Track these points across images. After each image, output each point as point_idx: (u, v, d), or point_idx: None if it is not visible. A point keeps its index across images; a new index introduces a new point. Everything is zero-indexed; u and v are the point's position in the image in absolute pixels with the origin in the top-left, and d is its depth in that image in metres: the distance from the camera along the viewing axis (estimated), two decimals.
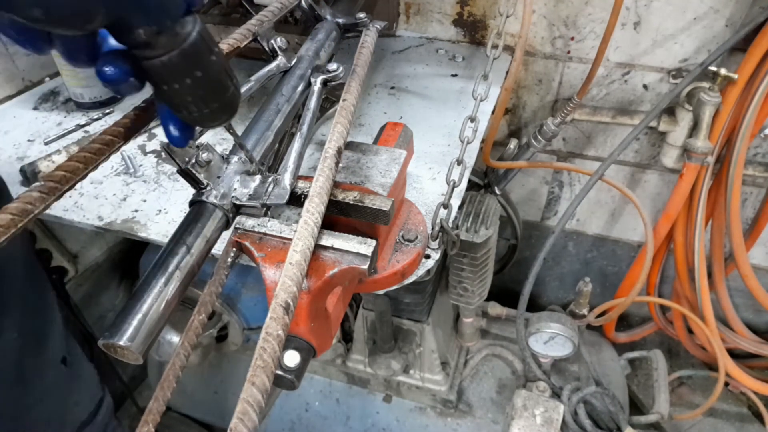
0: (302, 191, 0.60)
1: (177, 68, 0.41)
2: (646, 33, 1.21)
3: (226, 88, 0.46)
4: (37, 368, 0.98)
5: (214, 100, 0.45)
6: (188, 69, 0.42)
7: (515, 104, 1.43)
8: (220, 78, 0.45)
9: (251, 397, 0.35)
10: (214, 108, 0.46)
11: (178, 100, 0.44)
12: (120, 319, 0.42)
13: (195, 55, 0.42)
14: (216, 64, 0.44)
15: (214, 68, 0.44)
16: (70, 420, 1.08)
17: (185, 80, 0.42)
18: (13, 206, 0.38)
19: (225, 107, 0.47)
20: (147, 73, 0.42)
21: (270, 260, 0.55)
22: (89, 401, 1.12)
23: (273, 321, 0.41)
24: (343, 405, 1.50)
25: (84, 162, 0.43)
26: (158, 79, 0.42)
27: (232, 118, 0.49)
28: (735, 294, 1.50)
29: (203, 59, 0.43)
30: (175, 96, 0.43)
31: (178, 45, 0.40)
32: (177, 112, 0.46)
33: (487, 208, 1.08)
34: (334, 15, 0.90)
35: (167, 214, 0.87)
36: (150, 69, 0.41)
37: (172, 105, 0.45)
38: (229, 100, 0.47)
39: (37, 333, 0.97)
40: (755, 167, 1.33)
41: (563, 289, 1.87)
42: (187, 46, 0.41)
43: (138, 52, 0.40)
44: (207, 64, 0.43)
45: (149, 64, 0.40)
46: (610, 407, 1.31)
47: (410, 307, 1.27)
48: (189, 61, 0.41)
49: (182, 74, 0.42)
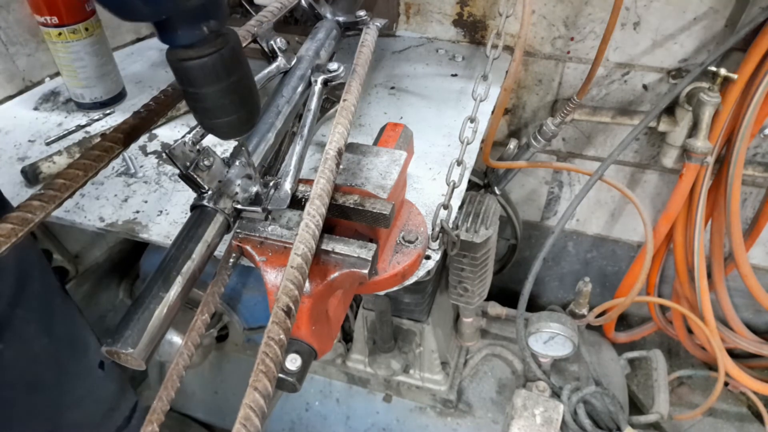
0: (303, 195, 0.60)
1: (214, 71, 0.43)
2: (646, 33, 1.21)
3: (253, 97, 0.48)
4: (76, 373, 0.99)
5: (241, 108, 0.47)
6: (224, 73, 0.44)
7: (515, 104, 1.43)
8: (249, 86, 0.47)
9: (254, 402, 0.35)
10: (240, 116, 0.47)
11: (208, 104, 0.45)
12: (122, 325, 0.42)
13: (232, 60, 0.44)
14: (248, 73, 0.47)
15: (246, 76, 0.46)
16: (107, 425, 1.08)
17: (219, 84, 0.44)
18: (13, 216, 0.38)
19: (249, 117, 0.49)
20: (183, 74, 0.43)
21: (271, 264, 0.55)
22: (125, 406, 1.12)
23: (275, 325, 0.41)
24: (343, 405, 1.51)
25: (83, 169, 0.43)
26: (194, 81, 0.44)
27: (250, 130, 0.51)
28: (735, 294, 1.50)
29: (238, 66, 0.45)
30: (207, 99, 0.45)
31: (218, 49, 0.42)
32: (204, 118, 0.47)
33: (487, 208, 1.08)
34: (334, 13, 0.90)
35: (168, 215, 0.87)
36: (188, 70, 0.43)
37: (200, 110, 0.47)
38: (253, 109, 0.49)
39: (72, 338, 0.97)
40: (755, 167, 1.33)
41: (563, 289, 1.87)
42: (225, 51, 0.43)
43: (180, 53, 0.42)
44: (241, 71, 0.45)
45: (188, 65, 0.42)
46: (610, 407, 1.31)
47: (410, 307, 1.27)
48: (226, 65, 0.43)
49: (218, 78, 0.44)
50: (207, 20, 0.41)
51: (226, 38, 0.43)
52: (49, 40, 1.05)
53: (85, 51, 1.06)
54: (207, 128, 0.49)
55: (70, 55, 1.06)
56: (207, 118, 0.47)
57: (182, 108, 1.06)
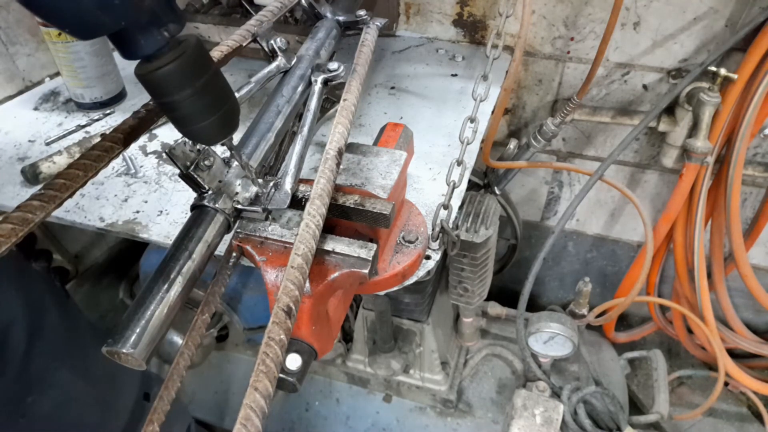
0: (303, 195, 0.60)
1: (181, 77, 0.43)
2: (646, 33, 1.21)
3: (227, 97, 0.48)
4: (122, 409, 0.98)
5: (216, 110, 0.47)
6: (190, 77, 0.43)
7: (515, 104, 1.43)
8: (220, 86, 0.47)
9: (254, 403, 0.35)
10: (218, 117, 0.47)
11: (183, 112, 0.45)
12: (123, 326, 0.42)
13: (195, 63, 0.44)
14: (217, 74, 0.46)
15: (215, 77, 0.46)
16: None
17: (187, 89, 0.44)
18: (13, 216, 0.38)
19: (227, 118, 0.48)
20: (152, 86, 0.43)
21: (272, 264, 0.55)
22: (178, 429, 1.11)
23: (275, 325, 0.41)
24: (343, 405, 1.51)
25: (83, 169, 0.43)
26: (163, 90, 0.43)
27: (233, 132, 0.50)
28: (735, 294, 1.50)
29: (204, 68, 0.45)
30: (180, 107, 0.45)
31: (180, 54, 0.42)
32: (183, 126, 0.47)
33: (487, 208, 1.08)
34: (334, 13, 0.90)
35: (168, 215, 0.87)
36: (153, 81, 0.43)
37: (178, 120, 0.46)
38: (230, 110, 0.48)
39: (110, 376, 0.96)
40: (755, 167, 1.33)
41: (563, 289, 1.87)
42: (187, 56, 0.42)
43: (145, 66, 0.42)
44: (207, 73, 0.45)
45: (155, 76, 0.42)
46: (610, 407, 1.31)
47: (410, 307, 1.27)
48: (191, 69, 0.43)
49: (186, 83, 0.43)
50: (165, 25, 0.41)
51: (187, 43, 0.43)
52: (49, 40, 1.05)
53: (85, 51, 1.06)
54: (189, 136, 0.49)
55: (70, 55, 1.06)
56: (186, 126, 0.47)
57: None
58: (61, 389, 0.86)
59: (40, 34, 1.09)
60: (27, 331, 0.81)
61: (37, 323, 0.83)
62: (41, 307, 0.86)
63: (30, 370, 0.80)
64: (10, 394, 0.78)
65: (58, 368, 0.85)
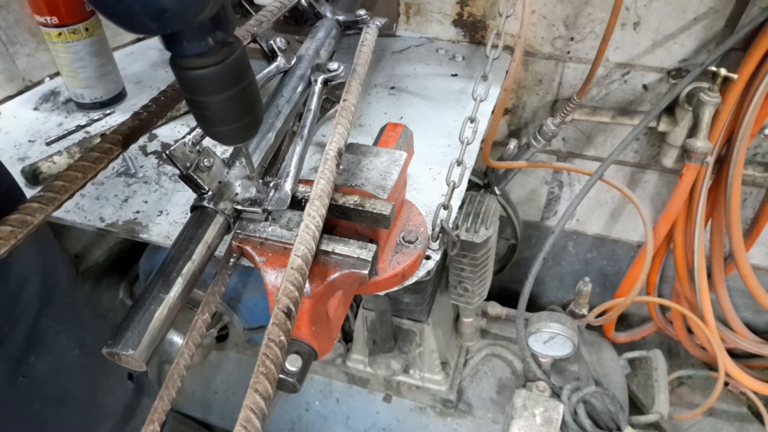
0: (303, 195, 0.60)
1: (220, 80, 0.43)
2: (646, 33, 1.21)
3: (257, 105, 0.48)
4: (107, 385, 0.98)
5: (245, 116, 0.47)
6: (230, 82, 0.44)
7: (515, 104, 1.43)
8: (254, 94, 0.47)
9: (254, 404, 0.35)
10: (244, 123, 0.47)
11: (212, 112, 0.45)
12: (123, 327, 0.42)
13: (237, 69, 0.44)
14: (252, 82, 0.46)
15: (251, 84, 0.46)
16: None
17: (224, 93, 0.44)
18: (12, 218, 0.38)
19: (252, 124, 0.49)
20: (188, 82, 0.43)
21: (271, 265, 0.55)
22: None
23: (275, 326, 0.41)
24: (343, 405, 1.51)
25: (82, 171, 0.43)
26: (199, 89, 0.43)
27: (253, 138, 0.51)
28: (735, 294, 1.50)
29: (244, 74, 0.45)
30: (211, 108, 0.45)
31: (224, 58, 0.42)
32: (207, 125, 0.47)
33: (487, 208, 1.08)
34: (334, 12, 0.90)
35: (168, 216, 0.87)
36: (194, 79, 0.42)
37: (203, 118, 0.47)
38: (256, 117, 0.49)
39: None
40: (755, 167, 1.33)
41: (563, 289, 1.87)
42: (231, 61, 0.42)
43: (186, 61, 0.42)
44: (246, 80, 0.45)
45: (194, 74, 0.42)
46: (610, 407, 1.31)
47: (410, 307, 1.27)
48: (232, 74, 0.43)
49: (224, 87, 0.43)
50: (214, 32, 0.41)
51: (233, 47, 0.43)
52: (49, 40, 1.05)
53: (85, 51, 1.06)
54: (210, 135, 0.49)
55: (70, 55, 1.06)
56: (210, 126, 0.47)
57: (182, 108, 1.06)
58: (58, 354, 0.86)
59: (40, 34, 1.09)
60: (41, 290, 0.81)
61: (49, 285, 0.83)
62: (54, 271, 0.86)
63: (37, 330, 0.80)
64: (18, 352, 0.78)
65: (59, 332, 0.86)
